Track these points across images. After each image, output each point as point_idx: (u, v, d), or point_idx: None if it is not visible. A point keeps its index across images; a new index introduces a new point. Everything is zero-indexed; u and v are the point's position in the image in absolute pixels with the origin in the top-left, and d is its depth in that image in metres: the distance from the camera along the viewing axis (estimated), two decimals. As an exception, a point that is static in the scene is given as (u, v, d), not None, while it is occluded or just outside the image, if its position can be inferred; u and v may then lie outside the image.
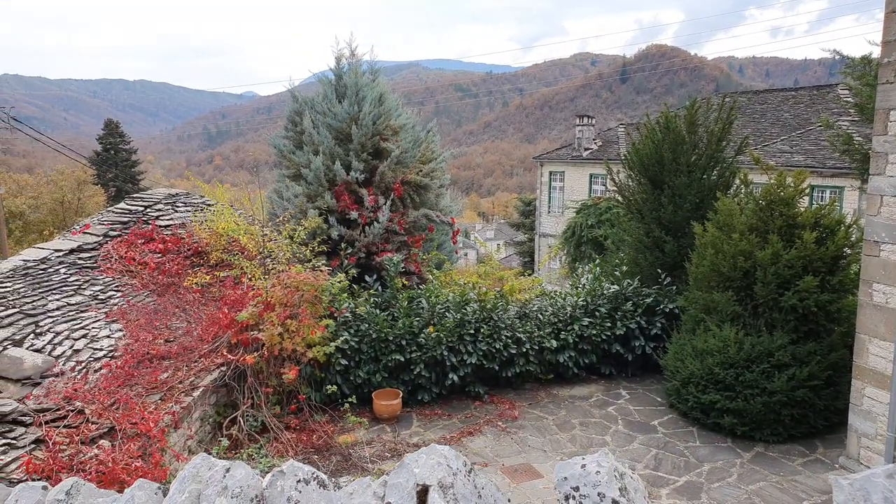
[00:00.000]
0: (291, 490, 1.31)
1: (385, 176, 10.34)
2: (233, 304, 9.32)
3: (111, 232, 10.99)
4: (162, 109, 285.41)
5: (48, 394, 6.83)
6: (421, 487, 1.20)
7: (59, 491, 1.43)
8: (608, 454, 1.33)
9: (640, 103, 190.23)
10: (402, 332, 9.22)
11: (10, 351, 7.15)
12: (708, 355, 8.12)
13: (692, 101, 10.66)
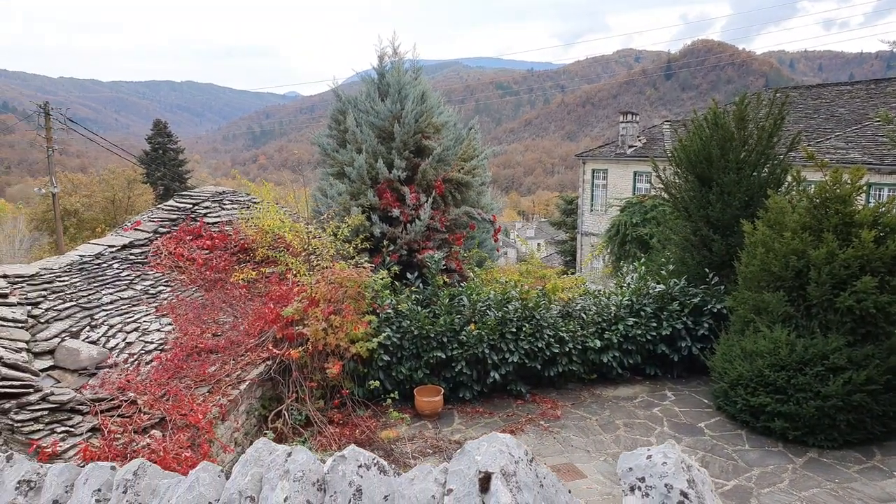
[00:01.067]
0: (353, 475, 1.30)
1: (427, 174, 10.35)
2: (278, 299, 9.46)
3: (161, 229, 11.27)
4: (208, 110, 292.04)
5: (103, 384, 7.04)
6: (483, 475, 1.18)
7: (127, 471, 1.47)
8: (674, 445, 1.29)
9: (684, 100, 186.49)
10: (444, 329, 9.22)
11: (67, 342, 7.39)
12: (758, 357, 7.90)
13: (741, 96, 10.38)
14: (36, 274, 8.46)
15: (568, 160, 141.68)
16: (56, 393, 6.27)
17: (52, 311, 7.86)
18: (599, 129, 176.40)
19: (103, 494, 1.44)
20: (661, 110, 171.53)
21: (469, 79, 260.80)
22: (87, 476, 1.47)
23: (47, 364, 7.05)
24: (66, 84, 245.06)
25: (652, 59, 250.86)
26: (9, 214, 64.51)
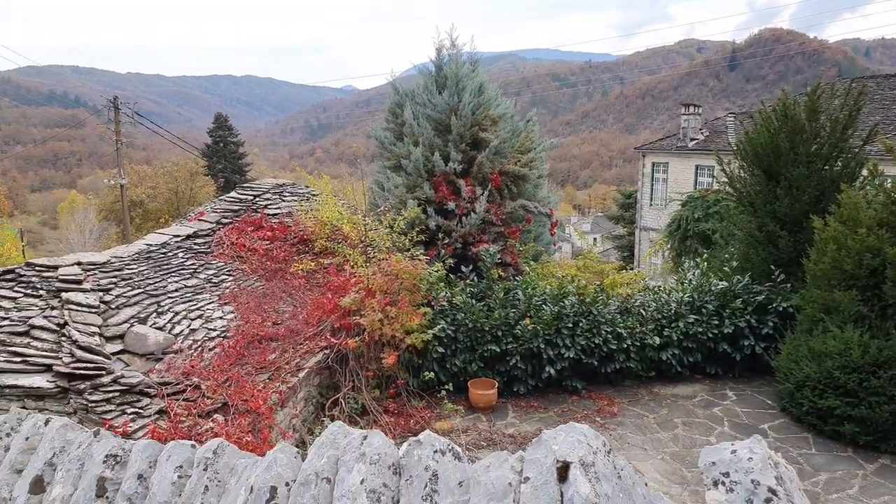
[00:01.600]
0: (429, 460, 1.31)
1: (483, 166, 10.32)
2: (336, 290, 9.62)
3: (223, 219, 11.61)
4: (266, 103, 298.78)
5: (168, 369, 7.31)
6: (562, 464, 1.17)
7: (207, 449, 1.52)
8: (761, 440, 1.25)
9: (749, 91, 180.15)
10: (498, 322, 9.19)
11: (136, 328, 7.70)
12: (827, 358, 7.59)
13: (814, 85, 9.95)
14: (107, 262, 8.83)
15: (626, 153, 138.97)
16: (126, 376, 6.54)
17: (121, 298, 8.19)
18: (659, 122, 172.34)
19: (185, 471, 1.49)
20: (723, 102, 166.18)
21: (525, 70, 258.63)
22: (169, 453, 1.53)
23: (117, 348, 7.35)
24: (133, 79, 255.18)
25: (715, 49, 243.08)
26: (80, 205, 67.56)
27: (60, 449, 1.65)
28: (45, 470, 1.63)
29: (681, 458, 7.62)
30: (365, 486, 1.25)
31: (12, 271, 8.12)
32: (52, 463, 1.63)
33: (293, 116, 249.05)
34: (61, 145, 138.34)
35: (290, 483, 1.36)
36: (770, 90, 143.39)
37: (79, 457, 1.61)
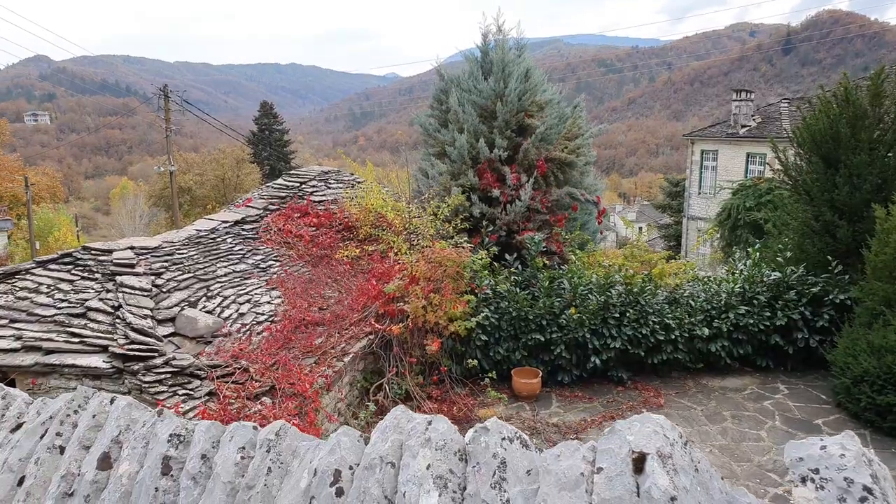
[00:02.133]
0: (497, 447, 1.29)
1: (529, 153, 10.21)
2: (380, 276, 9.68)
3: (270, 206, 11.77)
4: (311, 92, 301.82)
5: (218, 352, 7.47)
6: (638, 455, 1.13)
7: (270, 431, 1.53)
8: (853, 437, 1.19)
9: (804, 77, 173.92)
10: (543, 311, 9.12)
11: (186, 311, 7.88)
12: (888, 353, 7.30)
13: (878, 69, 9.53)
14: (158, 246, 9.05)
15: (673, 140, 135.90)
16: (177, 358, 6.71)
17: (172, 282, 8.39)
18: (708, 109, 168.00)
19: (247, 452, 1.50)
20: (776, 88, 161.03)
21: (570, 56, 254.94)
22: (231, 434, 1.54)
23: (168, 331, 7.54)
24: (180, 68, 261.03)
25: (769, 32, 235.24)
26: (131, 192, 69.49)
27: (126, 427, 1.69)
28: (111, 447, 1.66)
29: (730, 452, 7.46)
30: (431, 472, 1.23)
31: (70, 255, 8.39)
32: (119, 440, 1.67)
33: (337, 104, 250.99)
34: (113, 133, 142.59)
35: (353, 467, 1.35)
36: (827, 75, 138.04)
37: (143, 435, 1.63)
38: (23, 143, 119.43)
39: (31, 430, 1.84)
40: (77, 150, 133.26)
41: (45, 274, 8.10)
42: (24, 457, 1.78)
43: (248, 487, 1.39)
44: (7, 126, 57.12)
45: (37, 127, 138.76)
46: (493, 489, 1.18)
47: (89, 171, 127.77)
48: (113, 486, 1.57)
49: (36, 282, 7.95)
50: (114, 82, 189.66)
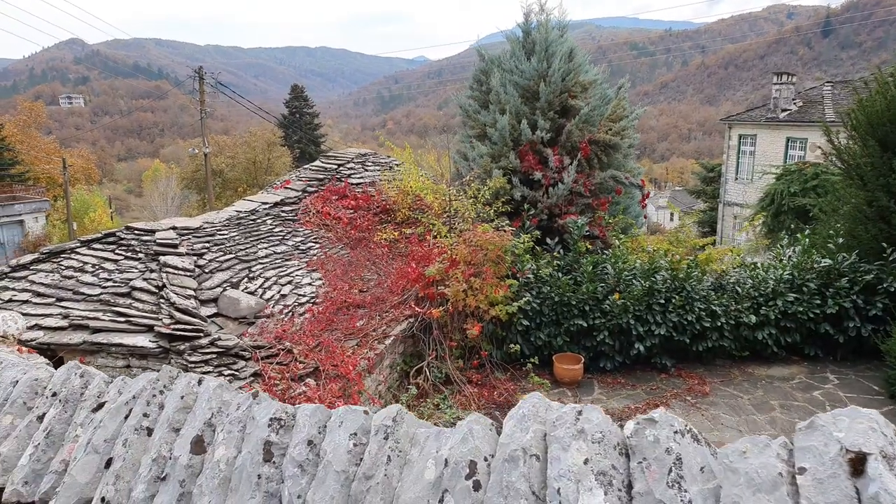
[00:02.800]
0: (670, 441, 1.16)
1: (572, 135, 9.98)
2: (420, 259, 9.58)
3: (308, 188, 11.73)
4: (340, 75, 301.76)
5: (261, 333, 7.45)
6: (855, 455, 0.99)
7: (386, 417, 1.42)
8: None
9: (844, 60, 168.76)
10: (586, 297, 8.94)
11: (228, 292, 7.88)
12: (950, 344, 7.01)
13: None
14: (200, 227, 9.06)
15: (706, 126, 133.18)
16: (222, 338, 6.69)
17: (214, 262, 8.39)
18: (743, 93, 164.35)
19: (359, 438, 1.40)
20: (814, 72, 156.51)
21: (602, 39, 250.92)
22: (340, 419, 1.44)
23: (211, 311, 7.53)
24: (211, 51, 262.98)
25: (807, 14, 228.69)
26: (162, 174, 70.46)
27: (218, 410, 1.60)
28: (204, 430, 1.58)
29: (781, 444, 7.25)
30: (591, 468, 1.11)
31: (113, 234, 8.44)
32: (211, 423, 1.58)
33: (366, 88, 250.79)
34: (145, 116, 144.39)
35: (488, 458, 1.24)
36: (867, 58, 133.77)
37: (239, 419, 1.54)
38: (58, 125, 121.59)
39: (115, 410, 1.76)
40: (110, 133, 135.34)
41: (89, 253, 8.16)
42: (110, 437, 1.70)
43: (365, 477, 1.29)
44: (44, 109, 58.13)
45: (71, 109, 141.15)
46: (670, 488, 1.06)
47: (121, 154, 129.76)
48: (210, 471, 1.48)
49: (81, 261, 8.01)
50: (146, 65, 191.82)
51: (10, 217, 28.96)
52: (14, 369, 2.15)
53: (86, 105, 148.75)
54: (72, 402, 1.89)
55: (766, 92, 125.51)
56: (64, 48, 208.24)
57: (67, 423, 1.85)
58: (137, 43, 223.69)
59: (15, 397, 2.01)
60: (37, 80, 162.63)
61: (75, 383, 1.94)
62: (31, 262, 7.99)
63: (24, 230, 29.67)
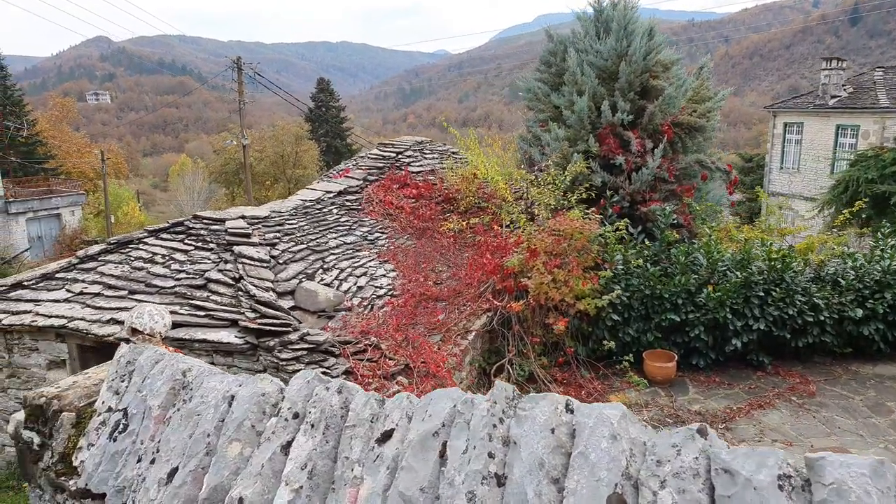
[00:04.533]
0: None
1: (654, 117, 9.37)
2: (494, 250, 9.06)
3: (369, 176, 11.27)
4: (361, 70, 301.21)
5: (343, 327, 6.98)
6: None
7: None
8: None
9: (872, 49, 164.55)
10: (679, 289, 8.35)
11: (305, 284, 7.42)
12: None
13: None
14: (268, 216, 8.62)
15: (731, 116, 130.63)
16: (311, 333, 6.23)
17: (287, 253, 7.94)
18: (768, 83, 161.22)
19: None
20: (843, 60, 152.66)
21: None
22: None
23: (289, 304, 7.08)
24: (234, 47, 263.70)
25: (834, 2, 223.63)
26: (189, 168, 70.72)
27: (638, 453, 1.08)
28: (623, 485, 1.06)
29: (914, 450, 6.63)
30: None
31: (181, 223, 8.03)
32: (632, 476, 1.06)
33: (386, 82, 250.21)
34: (170, 111, 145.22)
35: None
36: None
37: (690, 469, 1.03)
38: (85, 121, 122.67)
39: (419, 444, 1.26)
40: (135, 129, 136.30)
41: (157, 243, 7.75)
42: (426, 485, 1.20)
43: None
44: (75, 104, 58.41)
45: (98, 106, 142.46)
46: None
47: (147, 149, 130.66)
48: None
49: (150, 252, 7.61)
50: (170, 61, 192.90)
51: (48, 210, 28.91)
52: (216, 379, 1.68)
53: (112, 101, 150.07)
54: (333, 428, 1.41)
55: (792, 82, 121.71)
56: (91, 46, 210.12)
57: (333, 459, 1.37)
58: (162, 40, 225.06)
59: (239, 419, 1.54)
60: (64, 77, 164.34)
61: (331, 402, 1.46)
62: (99, 253, 7.60)
63: (61, 223, 29.63)
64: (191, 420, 1.70)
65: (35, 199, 28.28)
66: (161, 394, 1.86)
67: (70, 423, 2.06)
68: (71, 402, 2.14)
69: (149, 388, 1.89)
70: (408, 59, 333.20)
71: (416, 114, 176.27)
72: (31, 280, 7.21)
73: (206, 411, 1.65)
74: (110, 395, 2.02)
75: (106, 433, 1.90)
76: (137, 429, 1.83)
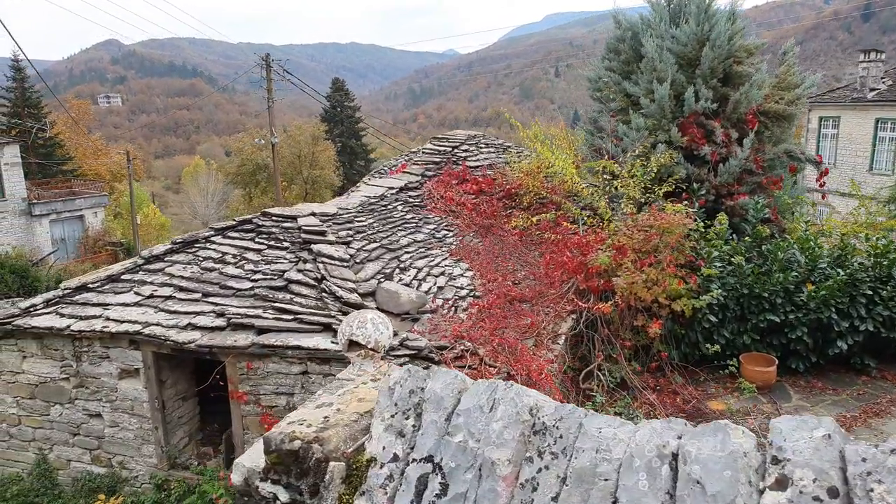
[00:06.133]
0: None
1: (740, 104, 8.80)
2: (574, 247, 8.50)
3: (427, 172, 10.76)
4: (370, 70, 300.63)
5: (432, 331, 6.46)
6: None
7: None
8: None
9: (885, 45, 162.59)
10: (777, 288, 7.78)
11: (385, 285, 6.90)
12: None
13: None
14: (336, 213, 8.12)
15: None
16: (410, 338, 5.71)
17: (363, 252, 7.43)
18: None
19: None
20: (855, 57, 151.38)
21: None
22: None
23: (370, 306, 6.56)
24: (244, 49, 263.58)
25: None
26: (203, 170, 70.59)
27: None
28: None
29: None
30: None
31: (249, 221, 7.53)
32: None
33: (396, 83, 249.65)
34: (181, 114, 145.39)
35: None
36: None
37: None
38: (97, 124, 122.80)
39: None
40: (147, 131, 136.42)
41: (226, 242, 7.26)
42: None
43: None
44: (90, 107, 58.30)
45: (110, 109, 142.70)
46: None
47: (159, 151, 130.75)
48: None
49: (218, 251, 7.12)
50: (181, 63, 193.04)
51: (71, 212, 28.54)
52: (599, 421, 1.14)
53: (123, 104, 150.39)
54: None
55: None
56: (101, 49, 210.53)
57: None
58: (172, 43, 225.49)
59: (715, 494, 1.01)
60: (76, 80, 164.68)
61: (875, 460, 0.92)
62: (164, 254, 7.12)
63: (84, 225, 29.26)
64: (584, 486, 1.16)
65: (58, 201, 27.92)
66: (507, 442, 1.34)
67: (340, 476, 1.53)
68: (336, 447, 1.61)
69: (477, 432, 1.37)
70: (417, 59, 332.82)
71: (426, 114, 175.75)
72: (96, 282, 6.73)
73: (617, 475, 1.11)
74: (392, 439, 1.51)
75: (407, 495, 1.38)
76: (470, 492, 1.30)
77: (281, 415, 5.66)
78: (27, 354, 6.42)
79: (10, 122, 31.49)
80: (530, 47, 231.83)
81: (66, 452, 6.57)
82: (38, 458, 6.61)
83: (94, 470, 6.46)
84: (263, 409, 5.67)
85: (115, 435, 6.33)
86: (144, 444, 6.25)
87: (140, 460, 6.31)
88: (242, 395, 5.68)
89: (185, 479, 6.16)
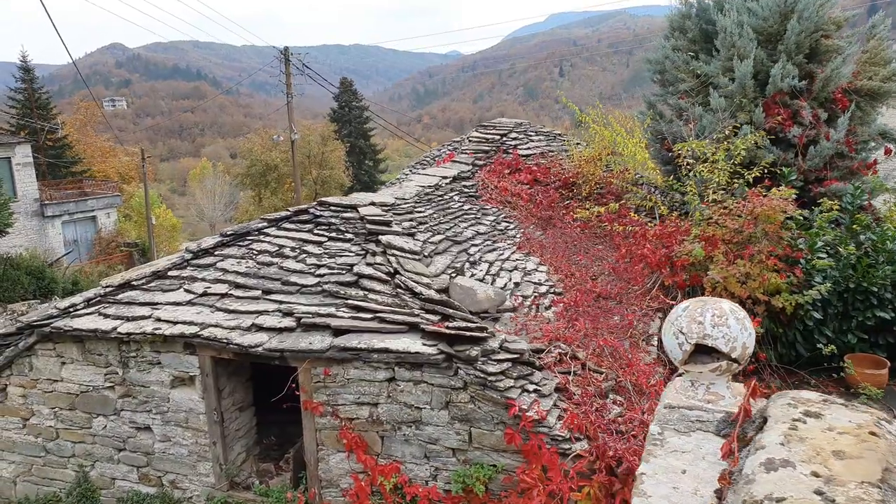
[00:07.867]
0: None
1: (829, 82, 8.06)
2: (656, 238, 7.77)
3: (477, 161, 10.04)
4: (374, 72, 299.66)
5: (520, 330, 5.73)
6: None
7: None
8: None
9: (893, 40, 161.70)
10: (887, 282, 7.03)
11: (458, 280, 6.17)
12: None
13: None
14: (395, 204, 7.39)
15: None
16: (509, 341, 4.98)
17: (429, 244, 6.71)
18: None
19: None
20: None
21: (638, 28, 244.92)
22: None
23: (454, 303, 5.83)
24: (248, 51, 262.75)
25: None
26: (210, 172, 70.00)
27: None
28: None
29: None
30: None
31: (306, 211, 6.82)
32: None
33: (400, 84, 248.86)
34: (186, 116, 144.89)
35: None
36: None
37: None
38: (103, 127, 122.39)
39: None
40: (152, 134, 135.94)
41: (281, 234, 6.55)
42: None
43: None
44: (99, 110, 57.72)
45: (115, 112, 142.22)
46: None
47: (164, 154, 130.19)
48: None
49: (274, 244, 6.40)
50: (185, 67, 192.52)
51: (84, 213, 27.86)
52: None
53: (128, 107, 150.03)
54: None
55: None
56: (106, 53, 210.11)
57: None
58: (176, 46, 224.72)
59: None
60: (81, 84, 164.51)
61: None
62: (214, 247, 6.40)
63: (96, 226, 28.59)
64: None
65: (71, 202, 27.26)
66: None
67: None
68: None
69: None
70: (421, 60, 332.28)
71: (430, 115, 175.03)
72: (141, 279, 6.02)
73: None
74: None
75: None
76: None
77: (363, 428, 4.94)
78: (67, 360, 5.72)
79: (20, 121, 30.89)
80: (534, 47, 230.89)
81: (109, 470, 5.85)
82: (79, 476, 5.90)
83: (142, 490, 5.74)
84: (342, 421, 4.94)
85: (166, 450, 5.61)
86: (200, 461, 5.53)
87: (195, 479, 5.59)
88: (318, 406, 4.95)
89: (247, 500, 5.45)
